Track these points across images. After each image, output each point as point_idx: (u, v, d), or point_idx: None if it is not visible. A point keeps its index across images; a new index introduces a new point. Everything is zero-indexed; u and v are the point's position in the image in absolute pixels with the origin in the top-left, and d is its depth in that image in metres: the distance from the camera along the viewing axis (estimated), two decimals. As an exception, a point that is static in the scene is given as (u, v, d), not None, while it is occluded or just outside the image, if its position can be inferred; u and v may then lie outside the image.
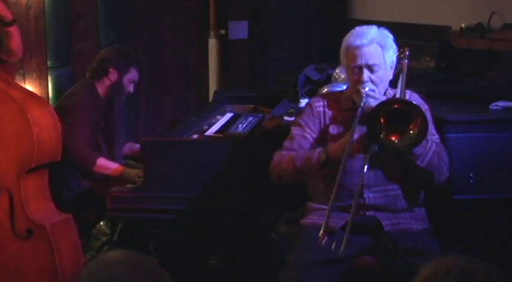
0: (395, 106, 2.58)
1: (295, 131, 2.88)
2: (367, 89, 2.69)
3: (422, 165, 2.70)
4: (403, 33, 2.86)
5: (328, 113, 2.85)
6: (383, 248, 2.72)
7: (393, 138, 2.56)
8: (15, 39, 3.23)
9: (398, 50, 2.82)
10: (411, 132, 2.55)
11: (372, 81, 2.71)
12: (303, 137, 2.85)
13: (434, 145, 2.71)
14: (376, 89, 2.72)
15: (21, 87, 3.52)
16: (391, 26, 2.87)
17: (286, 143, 2.88)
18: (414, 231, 2.78)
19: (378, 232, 2.74)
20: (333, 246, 2.50)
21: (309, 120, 2.87)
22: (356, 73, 2.74)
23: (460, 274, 1.46)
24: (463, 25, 4.44)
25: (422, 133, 2.55)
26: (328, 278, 2.55)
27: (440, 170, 2.77)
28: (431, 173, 2.76)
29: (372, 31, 2.74)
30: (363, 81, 2.70)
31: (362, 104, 2.67)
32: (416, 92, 2.94)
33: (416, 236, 2.75)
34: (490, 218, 2.99)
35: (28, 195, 3.10)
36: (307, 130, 2.86)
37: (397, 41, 2.82)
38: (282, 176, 2.85)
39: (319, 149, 2.76)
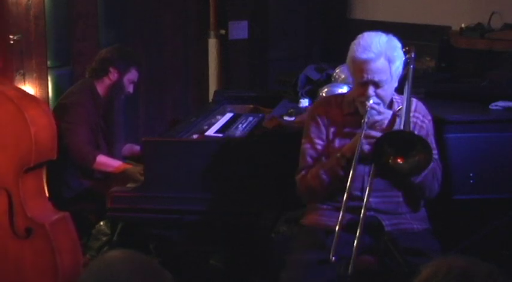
0: (399, 135, 2.56)
1: (306, 146, 2.84)
2: (371, 101, 2.67)
3: (416, 181, 2.70)
4: (403, 33, 2.86)
5: (331, 118, 2.83)
6: (383, 248, 2.72)
7: (399, 161, 2.55)
8: None
9: (404, 49, 2.78)
10: (415, 158, 2.53)
11: (377, 95, 2.69)
12: (315, 150, 2.82)
13: (431, 163, 2.69)
14: (380, 102, 2.71)
15: (16, 87, 3.53)
16: (391, 26, 2.87)
17: (301, 162, 2.85)
18: (414, 231, 2.77)
19: (378, 232, 2.74)
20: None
21: (315, 130, 2.83)
22: (361, 87, 2.70)
23: (461, 274, 1.46)
24: (463, 25, 4.45)
25: (426, 159, 2.52)
26: (328, 278, 2.55)
27: (432, 187, 2.77)
28: (423, 190, 2.76)
29: (381, 42, 2.66)
30: (368, 96, 2.68)
31: (366, 119, 2.65)
32: (419, 99, 2.92)
33: (417, 236, 2.75)
34: (490, 218, 3.00)
35: (26, 194, 3.10)
36: (317, 141, 2.82)
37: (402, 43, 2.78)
38: (314, 196, 2.83)
39: (336, 156, 2.73)
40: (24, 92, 3.47)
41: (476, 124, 3.23)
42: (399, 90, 2.81)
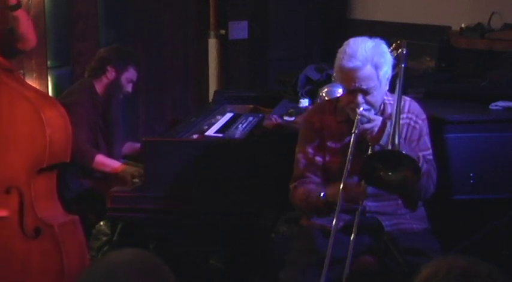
0: (386, 153, 2.56)
1: (299, 156, 2.85)
2: (361, 108, 2.67)
3: None
4: (403, 33, 2.86)
5: (325, 127, 2.83)
6: (383, 248, 2.72)
7: (390, 173, 2.55)
8: (23, 23, 3.25)
9: (392, 47, 2.78)
10: (403, 173, 2.53)
11: (366, 101, 2.68)
12: (308, 160, 2.82)
13: (425, 165, 2.68)
14: (371, 108, 2.71)
15: (35, 88, 3.52)
16: (391, 26, 2.85)
17: (295, 171, 2.86)
18: (414, 231, 2.78)
19: (378, 232, 2.74)
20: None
21: (308, 139, 2.84)
22: (350, 94, 2.70)
23: (461, 274, 1.46)
24: (463, 25, 4.44)
25: (414, 176, 2.52)
26: (328, 278, 2.55)
27: (428, 189, 2.77)
28: (418, 192, 2.76)
29: (366, 48, 2.64)
30: (357, 103, 2.67)
31: (356, 130, 2.64)
32: (415, 98, 2.91)
33: (416, 236, 2.76)
34: (490, 218, 3.00)
35: (38, 194, 3.11)
36: (310, 151, 2.82)
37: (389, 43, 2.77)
38: (302, 212, 2.89)
39: (320, 192, 2.73)
40: (43, 93, 3.47)
41: (476, 124, 3.23)
42: (393, 90, 2.80)
